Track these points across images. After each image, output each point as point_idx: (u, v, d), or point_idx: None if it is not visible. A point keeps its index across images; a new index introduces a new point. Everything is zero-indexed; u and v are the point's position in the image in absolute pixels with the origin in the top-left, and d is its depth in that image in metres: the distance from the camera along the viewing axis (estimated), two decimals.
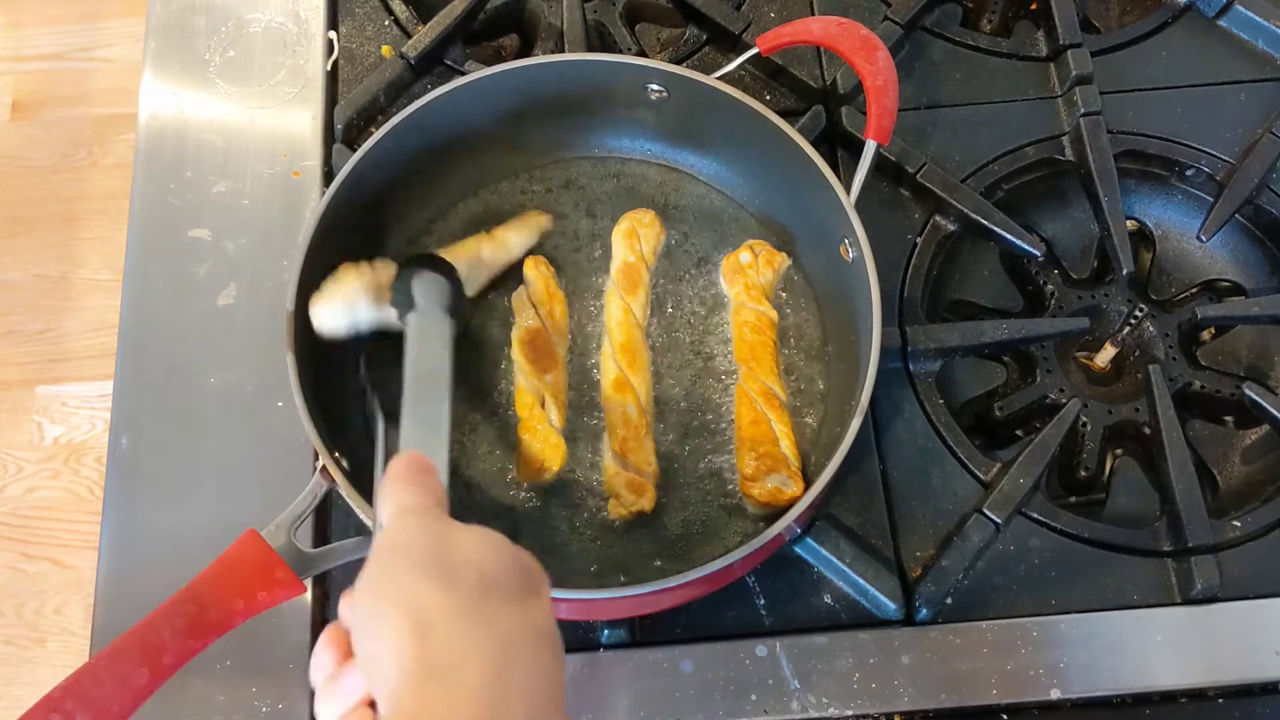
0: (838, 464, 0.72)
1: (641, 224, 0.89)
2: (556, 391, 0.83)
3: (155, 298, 0.89)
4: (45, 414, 1.82)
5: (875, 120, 0.82)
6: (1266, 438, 0.87)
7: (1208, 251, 0.95)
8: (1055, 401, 0.87)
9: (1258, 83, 0.98)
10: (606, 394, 0.83)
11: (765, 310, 0.85)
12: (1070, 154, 0.94)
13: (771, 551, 0.78)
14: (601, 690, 0.76)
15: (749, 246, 0.88)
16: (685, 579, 0.69)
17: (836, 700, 0.76)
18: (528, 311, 0.85)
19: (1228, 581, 0.79)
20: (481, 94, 0.85)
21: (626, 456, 0.80)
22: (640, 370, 0.84)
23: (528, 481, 0.81)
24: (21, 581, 1.70)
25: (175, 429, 0.85)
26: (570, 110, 0.90)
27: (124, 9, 2.11)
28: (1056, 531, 0.81)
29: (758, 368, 0.83)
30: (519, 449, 0.81)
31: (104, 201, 1.96)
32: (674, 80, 0.85)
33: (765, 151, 0.85)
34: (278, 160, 0.94)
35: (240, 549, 0.66)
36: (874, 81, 0.83)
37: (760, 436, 0.80)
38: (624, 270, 0.87)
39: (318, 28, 0.99)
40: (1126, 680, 0.77)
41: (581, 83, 0.87)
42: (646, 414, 0.82)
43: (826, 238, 0.83)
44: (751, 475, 0.79)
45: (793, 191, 0.86)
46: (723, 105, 0.84)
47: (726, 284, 0.87)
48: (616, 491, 0.80)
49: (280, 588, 0.66)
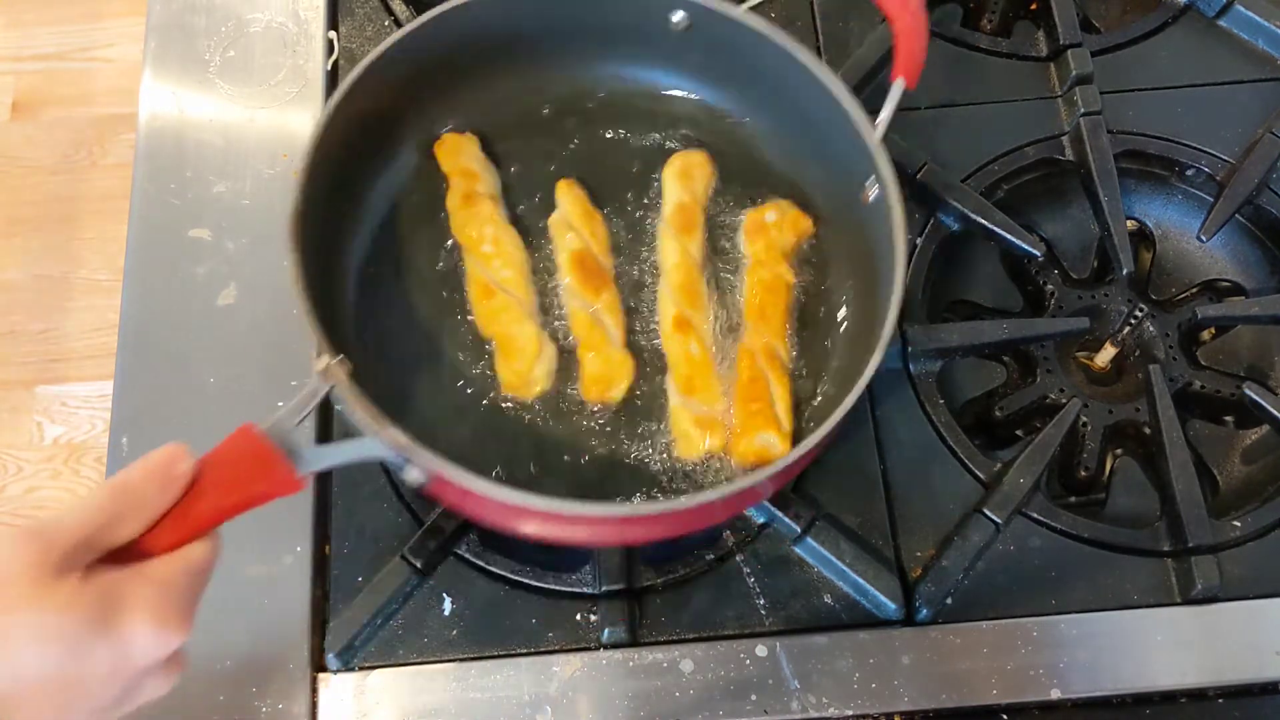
0: (835, 422, 0.70)
1: (693, 164, 0.87)
2: (612, 309, 0.83)
3: (155, 298, 0.89)
4: (45, 414, 1.82)
5: (903, 60, 0.80)
6: (1266, 438, 0.87)
7: (1208, 251, 0.95)
8: (1055, 401, 0.88)
9: (1258, 83, 0.97)
10: (666, 333, 0.82)
11: (783, 272, 0.84)
12: (1070, 154, 0.94)
13: (747, 504, 0.78)
14: (601, 690, 0.76)
15: (776, 205, 0.86)
16: (653, 509, 0.69)
17: (836, 700, 0.76)
18: (569, 234, 0.84)
19: (1228, 581, 0.79)
20: (497, 7, 0.83)
21: (692, 395, 0.80)
22: (701, 308, 0.83)
23: (595, 401, 0.81)
24: None
25: (175, 429, 0.85)
26: (588, 35, 0.88)
27: (124, 9, 2.11)
28: (1056, 531, 0.81)
29: (765, 327, 0.82)
30: (582, 369, 0.81)
31: (104, 201, 1.96)
32: (698, 10, 0.83)
33: (789, 90, 0.82)
34: (278, 160, 0.94)
35: (237, 441, 0.63)
36: (903, 22, 0.80)
37: (756, 394, 0.79)
38: (679, 210, 0.86)
39: (318, 28, 0.99)
40: (1127, 680, 0.77)
41: (600, 4, 0.85)
42: (710, 351, 0.81)
43: (849, 180, 0.81)
44: (740, 431, 0.78)
45: (815, 133, 0.84)
46: (746, 40, 0.81)
47: (746, 240, 0.86)
48: (684, 431, 0.79)
49: (275, 482, 0.63)
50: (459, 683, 0.77)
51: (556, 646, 0.78)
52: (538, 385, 0.81)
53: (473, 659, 0.77)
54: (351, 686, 0.77)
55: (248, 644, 0.78)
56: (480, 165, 0.87)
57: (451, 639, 0.78)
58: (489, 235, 0.84)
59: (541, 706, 0.76)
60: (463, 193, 0.85)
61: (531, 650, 0.78)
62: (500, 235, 0.84)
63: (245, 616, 0.79)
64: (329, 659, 0.77)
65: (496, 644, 0.78)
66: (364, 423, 0.69)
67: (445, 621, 0.79)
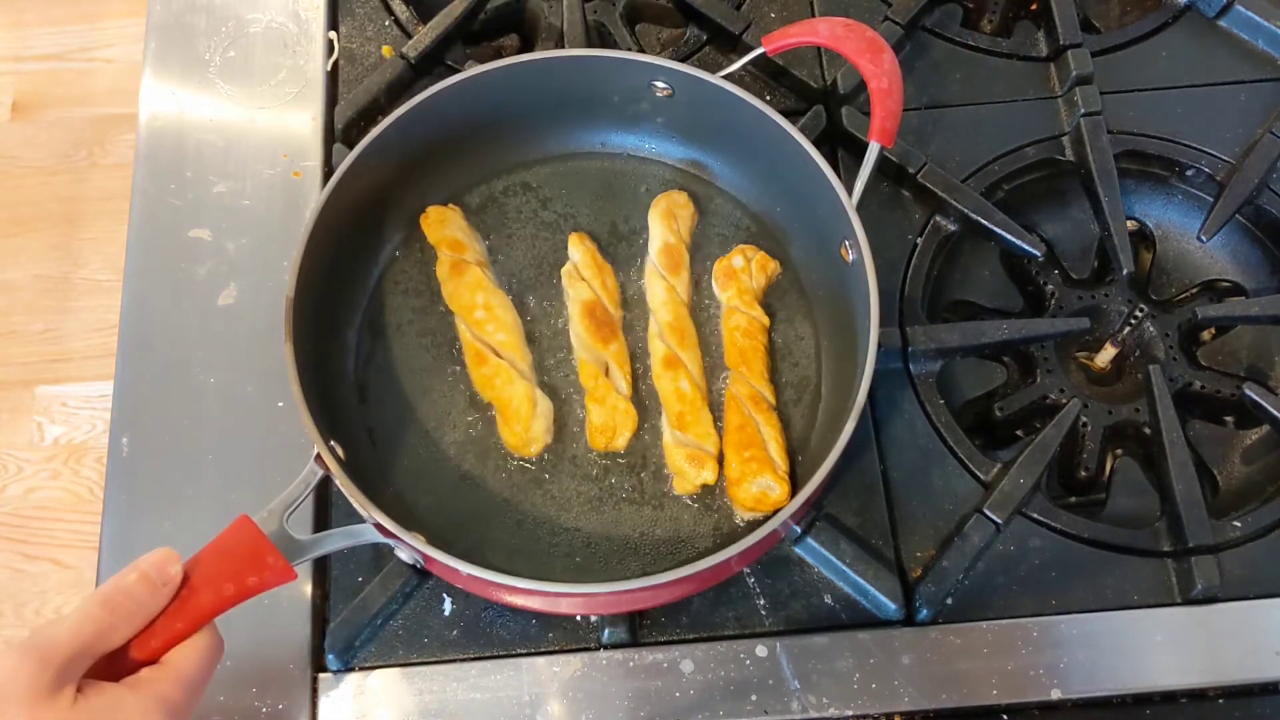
0: (829, 468, 0.72)
1: (677, 204, 0.90)
2: (620, 360, 0.85)
3: (155, 298, 0.89)
4: (45, 414, 1.82)
5: (879, 122, 0.83)
6: (1266, 438, 0.87)
7: (1208, 251, 0.95)
8: (1055, 402, 0.87)
9: (1258, 83, 0.98)
10: (656, 372, 0.85)
11: (757, 315, 0.86)
12: (1070, 154, 0.94)
13: (765, 549, 0.79)
14: (601, 690, 0.76)
15: (741, 251, 0.88)
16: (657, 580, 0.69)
17: (836, 700, 0.76)
18: (580, 285, 0.87)
19: (1228, 581, 0.79)
20: (485, 89, 0.86)
21: (684, 431, 0.82)
22: (690, 346, 0.85)
23: (600, 450, 0.83)
24: (21, 582, 1.70)
25: (175, 429, 0.85)
26: (572, 108, 0.90)
27: (124, 9, 2.11)
28: (1056, 531, 0.81)
29: (748, 371, 0.84)
30: (589, 419, 0.83)
31: (104, 202, 1.96)
32: (678, 78, 0.85)
33: (767, 151, 0.85)
34: (278, 160, 0.94)
35: (232, 534, 0.66)
36: (879, 84, 0.83)
37: (747, 440, 0.81)
38: (665, 251, 0.88)
39: (318, 28, 0.99)
40: (1127, 680, 0.77)
41: (585, 79, 0.88)
42: (700, 388, 0.84)
43: (827, 238, 0.83)
44: (737, 479, 0.80)
45: (794, 192, 0.86)
46: (726, 104, 0.84)
47: (718, 288, 0.88)
48: (679, 468, 0.81)
49: (271, 574, 0.66)
50: (459, 683, 0.77)
51: (556, 646, 0.78)
52: (536, 443, 0.83)
53: (473, 659, 0.77)
54: (351, 686, 0.77)
55: (248, 644, 0.77)
56: (465, 234, 0.89)
57: (451, 639, 0.78)
58: (480, 301, 0.86)
59: (541, 706, 0.76)
60: (451, 262, 0.87)
61: (531, 650, 0.78)
62: (490, 300, 0.86)
63: (245, 617, 0.78)
64: (329, 659, 0.77)
65: (496, 644, 0.78)
66: (357, 509, 0.70)
67: (445, 621, 0.79)
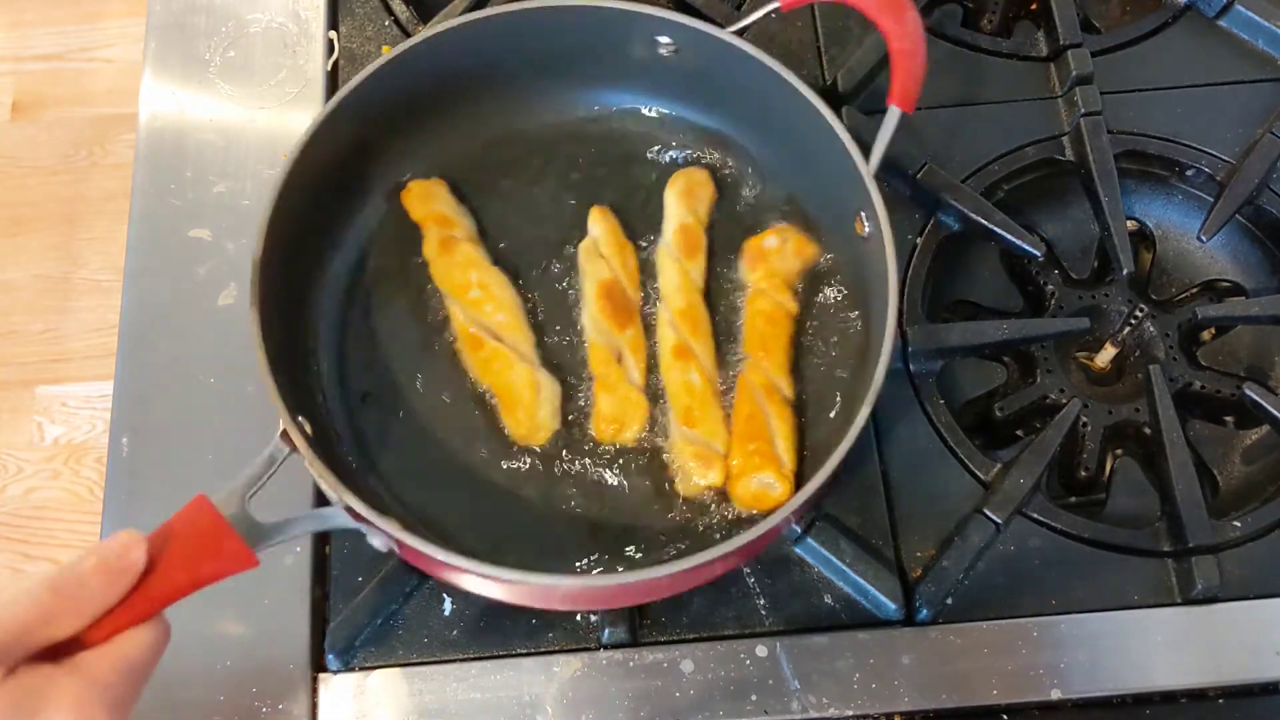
0: (832, 469, 0.70)
1: (696, 182, 0.84)
2: (635, 347, 0.80)
3: (155, 298, 0.89)
4: (45, 414, 1.82)
5: (900, 85, 0.78)
6: (1267, 438, 0.87)
7: (1208, 251, 0.95)
8: (1055, 402, 0.88)
9: (1258, 83, 0.97)
10: (666, 362, 0.80)
11: (785, 301, 0.81)
12: (1070, 154, 0.94)
13: (762, 547, 0.77)
14: (601, 690, 0.76)
15: (777, 231, 0.84)
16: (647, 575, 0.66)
17: (837, 700, 0.76)
18: (599, 263, 0.81)
19: (1228, 582, 0.79)
20: (478, 39, 0.80)
21: (692, 427, 0.77)
22: (703, 336, 0.80)
23: (606, 441, 0.78)
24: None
25: (175, 429, 0.85)
26: (572, 63, 0.85)
27: (124, 9, 2.11)
28: (1056, 532, 0.81)
29: (767, 360, 0.80)
30: (596, 407, 0.78)
31: (104, 202, 1.96)
32: (685, 34, 0.80)
33: (780, 116, 0.80)
34: (278, 160, 0.94)
35: (187, 516, 0.59)
36: (901, 45, 0.78)
37: (754, 432, 0.77)
38: (682, 232, 0.82)
39: (318, 28, 0.99)
40: (1127, 680, 0.77)
41: (582, 34, 0.82)
42: (712, 381, 0.79)
43: (841, 212, 0.78)
44: (737, 472, 0.77)
45: (807, 161, 0.81)
46: (736, 64, 0.79)
47: (746, 268, 0.84)
48: (684, 466, 0.77)
49: (229, 560, 0.59)
50: (459, 683, 0.77)
51: (556, 646, 0.78)
52: (544, 430, 0.78)
53: (473, 659, 0.77)
54: (351, 686, 0.77)
55: (248, 644, 0.77)
56: (452, 209, 0.84)
57: (451, 639, 0.78)
58: (474, 280, 0.80)
59: (541, 706, 0.76)
60: (440, 239, 0.82)
61: (531, 650, 0.78)
62: (486, 278, 0.81)
63: (245, 616, 0.79)
64: (329, 659, 0.77)
65: (496, 644, 0.78)
66: (326, 490, 0.65)
67: (445, 621, 0.79)
